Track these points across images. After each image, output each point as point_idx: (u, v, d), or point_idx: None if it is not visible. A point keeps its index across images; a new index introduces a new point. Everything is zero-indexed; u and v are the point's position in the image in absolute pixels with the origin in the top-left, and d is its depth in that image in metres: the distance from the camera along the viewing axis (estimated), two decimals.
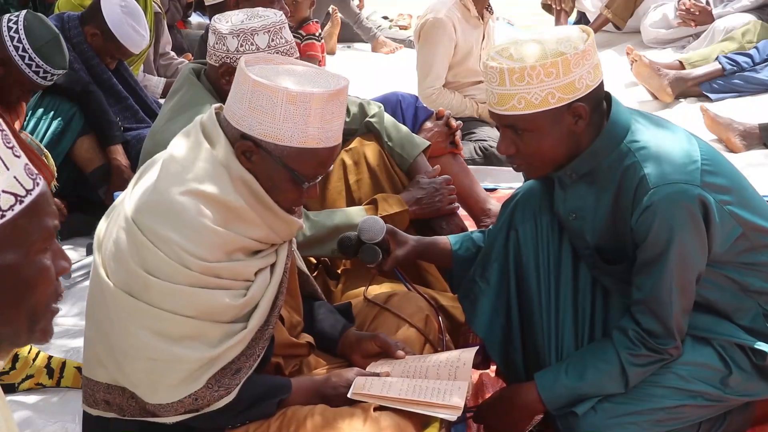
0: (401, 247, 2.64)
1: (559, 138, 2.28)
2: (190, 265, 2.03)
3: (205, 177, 2.06)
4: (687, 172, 2.24)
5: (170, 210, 2.04)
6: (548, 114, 2.24)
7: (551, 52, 2.21)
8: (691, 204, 2.22)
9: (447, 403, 2.21)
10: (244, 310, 2.12)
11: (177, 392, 2.06)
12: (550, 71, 2.20)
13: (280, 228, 2.15)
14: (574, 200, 2.39)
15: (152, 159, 2.21)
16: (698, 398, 2.38)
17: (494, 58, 2.26)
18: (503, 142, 2.33)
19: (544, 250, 2.48)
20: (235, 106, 2.08)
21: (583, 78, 2.23)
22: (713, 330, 2.40)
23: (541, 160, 2.33)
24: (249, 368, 2.13)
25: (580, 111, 2.25)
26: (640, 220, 2.25)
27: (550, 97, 2.22)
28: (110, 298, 2.08)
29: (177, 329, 2.05)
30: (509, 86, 2.23)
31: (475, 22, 4.91)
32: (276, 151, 2.06)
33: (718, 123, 4.92)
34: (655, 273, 2.27)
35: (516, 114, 2.25)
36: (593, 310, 2.45)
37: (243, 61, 2.09)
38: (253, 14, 2.75)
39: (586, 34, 2.28)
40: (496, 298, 2.54)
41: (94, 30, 4.25)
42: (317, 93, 2.04)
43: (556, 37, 2.25)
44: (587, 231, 2.39)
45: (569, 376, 2.36)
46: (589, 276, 2.45)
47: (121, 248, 2.07)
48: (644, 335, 2.31)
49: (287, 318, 2.37)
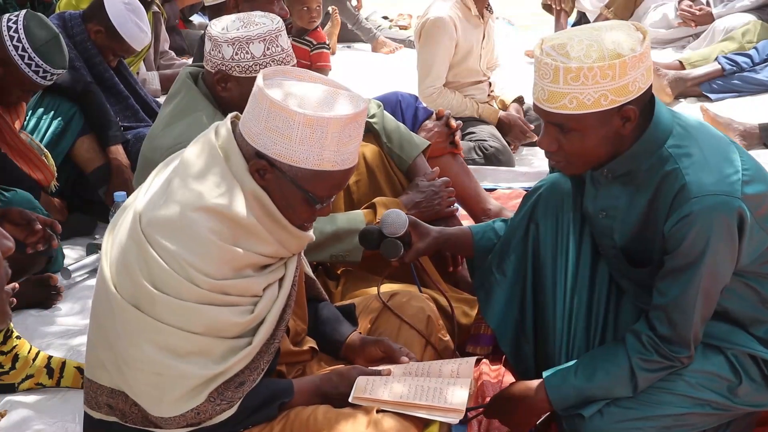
0: (423, 239, 2.63)
1: (604, 139, 2.24)
2: (198, 282, 2.02)
3: (218, 192, 2.05)
4: (729, 183, 2.21)
5: (180, 226, 2.03)
6: (598, 115, 2.19)
7: (609, 53, 2.15)
8: (730, 216, 2.19)
9: (449, 406, 2.20)
10: (250, 325, 2.11)
11: (180, 407, 2.06)
12: (606, 73, 2.15)
13: (290, 243, 2.14)
14: (606, 198, 2.37)
15: (166, 161, 2.19)
16: (706, 407, 2.37)
17: (549, 54, 2.19)
18: (546, 138, 2.28)
19: (564, 247, 2.46)
20: (251, 123, 2.06)
21: (636, 81, 2.18)
22: (728, 339, 2.38)
23: (583, 159, 2.29)
24: (253, 381, 2.12)
25: (629, 114, 2.21)
26: (676, 227, 2.22)
27: (603, 99, 2.17)
28: (117, 309, 2.07)
29: (183, 345, 2.04)
30: (563, 85, 2.17)
31: (475, 21, 4.91)
32: (290, 172, 2.05)
33: (718, 123, 4.92)
34: (683, 281, 2.24)
35: (566, 113, 2.20)
36: (607, 311, 2.44)
37: (261, 77, 2.06)
38: (249, 21, 2.71)
39: (642, 35, 2.22)
40: (511, 290, 2.53)
41: (97, 27, 4.25)
42: (334, 118, 2.01)
43: (613, 36, 2.19)
44: (616, 230, 2.37)
45: (578, 377, 2.35)
46: (607, 277, 2.43)
47: (129, 260, 2.06)
48: (658, 341, 2.29)
49: (292, 326, 2.36)
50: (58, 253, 3.68)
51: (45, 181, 3.84)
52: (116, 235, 2.13)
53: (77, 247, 4.06)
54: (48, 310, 3.52)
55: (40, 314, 3.49)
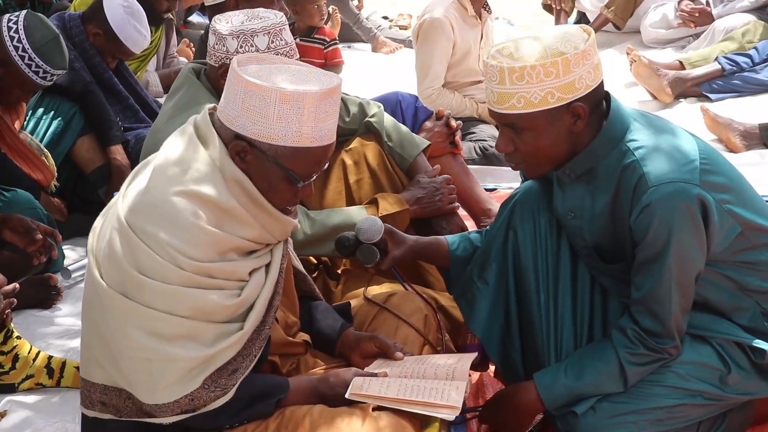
0: (399, 247, 2.64)
1: (557, 137, 2.28)
2: (183, 265, 2.04)
3: (199, 178, 2.06)
4: (686, 171, 2.24)
5: (163, 211, 2.05)
6: (547, 113, 2.24)
7: (551, 51, 2.21)
8: (690, 203, 2.22)
9: (445, 402, 2.21)
10: (239, 310, 2.12)
11: (173, 392, 2.07)
12: (550, 71, 2.20)
13: (274, 228, 2.15)
14: (572, 199, 2.40)
15: (146, 160, 2.22)
16: (697, 397, 2.38)
17: (494, 57, 2.26)
18: (502, 139, 2.34)
19: (543, 250, 2.48)
20: (229, 107, 2.08)
21: (583, 78, 2.23)
22: (712, 329, 2.40)
23: (540, 159, 2.33)
24: (246, 368, 2.13)
25: (579, 111, 2.25)
26: (638, 219, 2.25)
27: (550, 96, 2.22)
28: (105, 299, 2.08)
29: (171, 329, 2.05)
30: (509, 85, 2.23)
31: (472, 21, 4.91)
32: (270, 150, 2.07)
33: (719, 123, 4.92)
34: (654, 272, 2.27)
35: (515, 113, 2.25)
36: (592, 309, 2.45)
37: (235, 62, 2.09)
38: (253, 15, 2.74)
39: (586, 34, 2.27)
40: (495, 298, 2.54)
41: (96, 29, 4.25)
42: (310, 92, 2.04)
43: (556, 36, 2.25)
44: (585, 230, 2.39)
45: (568, 376, 2.37)
46: (588, 276, 2.45)
47: (114, 249, 2.07)
48: (643, 334, 2.31)
49: (282, 318, 2.37)
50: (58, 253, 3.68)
51: (45, 181, 3.84)
52: (101, 229, 2.15)
53: (77, 247, 4.06)
54: (48, 310, 3.53)
55: (40, 314, 3.49)
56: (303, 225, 2.85)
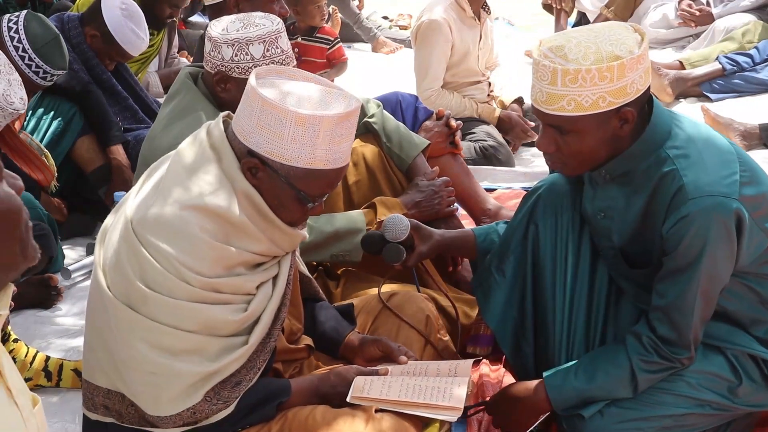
0: (425, 242, 2.63)
1: (602, 140, 2.24)
2: (190, 280, 2.02)
3: (209, 191, 2.04)
4: (726, 185, 2.20)
5: (171, 224, 2.03)
6: (596, 117, 2.19)
7: (607, 54, 2.15)
8: (728, 218, 2.19)
9: (447, 403, 2.20)
10: (245, 324, 2.10)
11: (176, 406, 2.06)
12: (605, 75, 2.15)
13: (283, 241, 2.14)
14: (604, 199, 2.37)
15: (160, 160, 2.19)
16: (706, 407, 2.37)
17: (547, 56, 2.19)
18: (544, 139, 2.28)
19: (563, 247, 2.46)
20: (244, 121, 2.06)
21: (635, 82, 2.18)
22: (728, 340, 2.38)
23: (580, 161, 2.29)
24: (249, 381, 2.12)
25: (627, 115, 2.21)
26: (674, 228, 2.21)
27: (601, 100, 2.17)
28: (111, 308, 2.07)
29: (176, 343, 2.04)
30: (560, 86, 2.17)
31: (470, 22, 4.91)
32: (282, 170, 2.05)
33: (719, 123, 4.92)
34: (682, 282, 2.24)
35: (565, 115, 2.20)
36: (607, 312, 2.44)
37: (254, 76, 2.06)
38: (249, 21, 2.70)
39: (640, 36, 2.22)
40: (511, 291, 2.53)
41: (93, 31, 4.24)
42: (327, 116, 2.01)
43: (611, 38, 2.18)
44: (614, 231, 2.37)
45: (579, 378, 2.35)
46: (607, 278, 2.43)
47: (121, 259, 2.06)
48: (658, 342, 2.29)
49: (287, 326, 2.35)
50: (58, 253, 3.68)
51: (45, 181, 3.83)
52: (109, 236, 2.13)
53: (77, 247, 4.06)
54: (48, 310, 3.52)
55: (40, 314, 3.49)
56: None
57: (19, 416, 1.41)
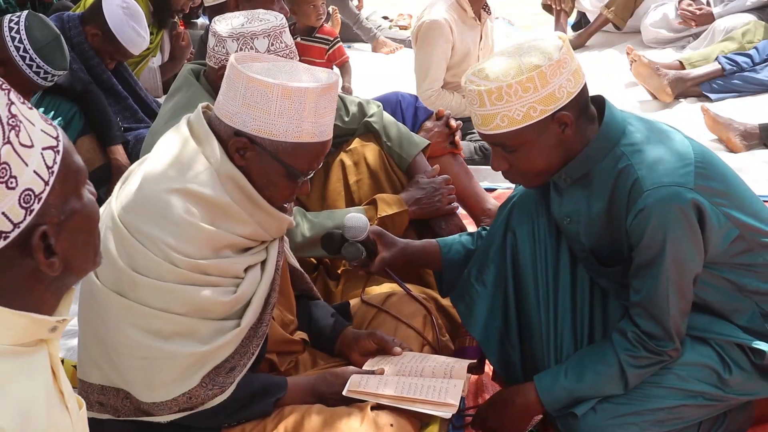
0: (388, 249, 2.63)
1: (548, 148, 2.28)
2: (177, 263, 2.04)
3: (192, 175, 2.07)
4: (680, 175, 2.24)
5: (156, 208, 2.05)
6: (533, 127, 2.24)
7: (526, 66, 2.20)
8: (684, 206, 2.22)
9: (442, 400, 2.21)
10: (235, 307, 2.12)
11: (171, 390, 2.07)
12: (527, 86, 2.20)
13: (269, 225, 2.16)
14: (569, 204, 2.40)
15: (139, 160, 2.22)
16: (698, 398, 2.38)
17: (471, 81, 2.26)
18: (495, 160, 2.34)
19: (542, 252, 2.48)
20: (228, 103, 2.09)
21: (562, 87, 2.22)
22: (711, 330, 2.40)
23: (535, 172, 2.34)
24: (243, 366, 2.14)
25: (564, 119, 2.25)
26: (634, 222, 2.25)
27: (532, 111, 2.22)
28: (100, 297, 2.09)
29: (167, 327, 2.06)
30: (489, 106, 2.23)
31: (471, 22, 4.91)
32: (271, 146, 2.08)
33: (719, 123, 4.92)
34: (651, 275, 2.27)
35: (501, 132, 2.25)
36: (592, 311, 2.45)
37: (233, 59, 2.10)
38: (253, 17, 2.73)
39: (560, 41, 2.26)
40: (493, 301, 2.54)
41: (94, 30, 4.25)
42: (312, 87, 2.05)
43: (531, 50, 2.24)
44: (582, 234, 2.39)
45: (568, 377, 2.36)
46: (588, 278, 2.45)
47: (108, 248, 2.07)
48: (643, 337, 2.31)
49: (279, 316, 2.37)
50: None
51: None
52: None
53: None
54: None
55: None
56: (302, 227, 2.85)
57: (68, 419, 1.43)
